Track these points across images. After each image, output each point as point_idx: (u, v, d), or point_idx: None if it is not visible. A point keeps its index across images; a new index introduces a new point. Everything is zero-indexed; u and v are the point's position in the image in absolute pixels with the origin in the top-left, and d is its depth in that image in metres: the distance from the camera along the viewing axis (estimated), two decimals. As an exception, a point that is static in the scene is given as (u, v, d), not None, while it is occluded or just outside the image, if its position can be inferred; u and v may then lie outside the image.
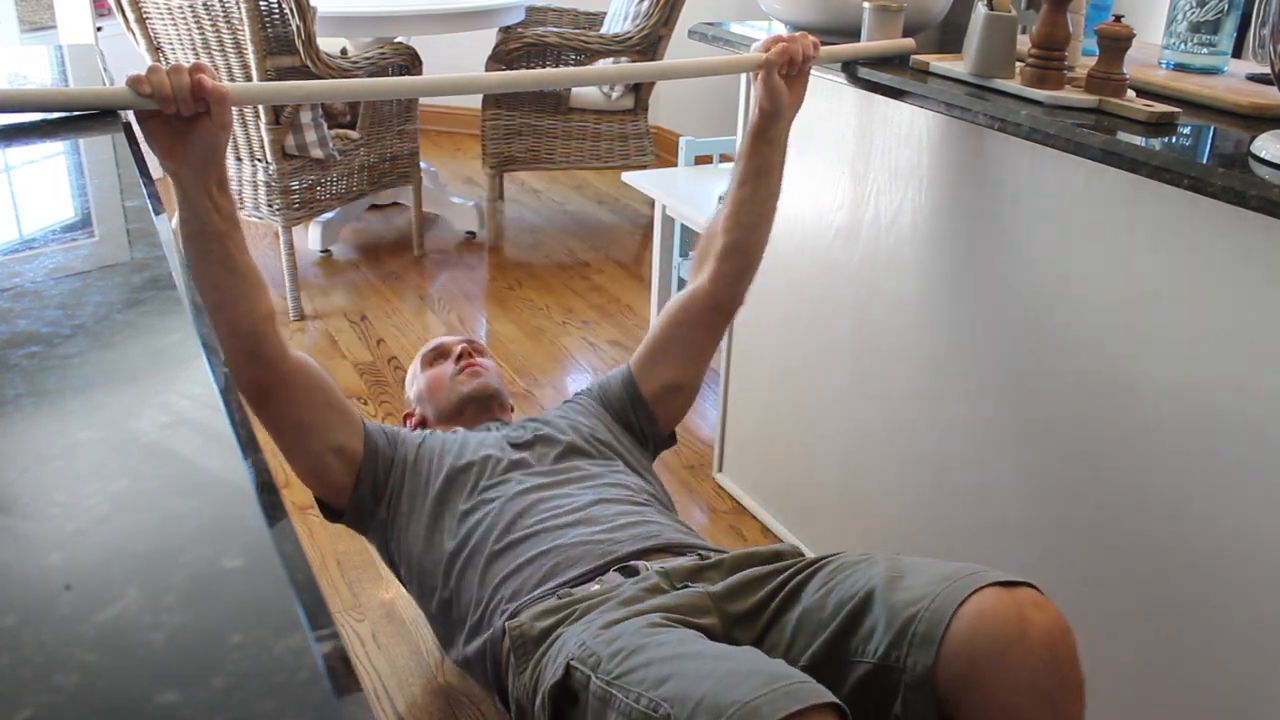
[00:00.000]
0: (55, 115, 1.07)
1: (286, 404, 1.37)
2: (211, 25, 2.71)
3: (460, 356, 1.76)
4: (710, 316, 1.63)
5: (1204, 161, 1.15)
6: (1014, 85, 1.41)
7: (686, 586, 1.22)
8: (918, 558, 1.16)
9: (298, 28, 2.70)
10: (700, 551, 1.32)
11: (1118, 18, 1.35)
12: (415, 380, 1.81)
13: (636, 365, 1.66)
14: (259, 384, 1.32)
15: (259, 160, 2.89)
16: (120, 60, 2.03)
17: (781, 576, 1.22)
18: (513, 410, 1.80)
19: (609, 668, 1.06)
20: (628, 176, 2.84)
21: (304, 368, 1.38)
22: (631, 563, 1.29)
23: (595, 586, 1.25)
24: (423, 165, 3.45)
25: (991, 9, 1.43)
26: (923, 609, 1.06)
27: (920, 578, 1.10)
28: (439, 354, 1.80)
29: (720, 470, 2.27)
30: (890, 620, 1.08)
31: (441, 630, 1.47)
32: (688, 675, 0.99)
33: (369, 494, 1.49)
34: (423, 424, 1.76)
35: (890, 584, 1.11)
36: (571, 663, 1.11)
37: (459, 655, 1.40)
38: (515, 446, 1.54)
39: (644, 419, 1.64)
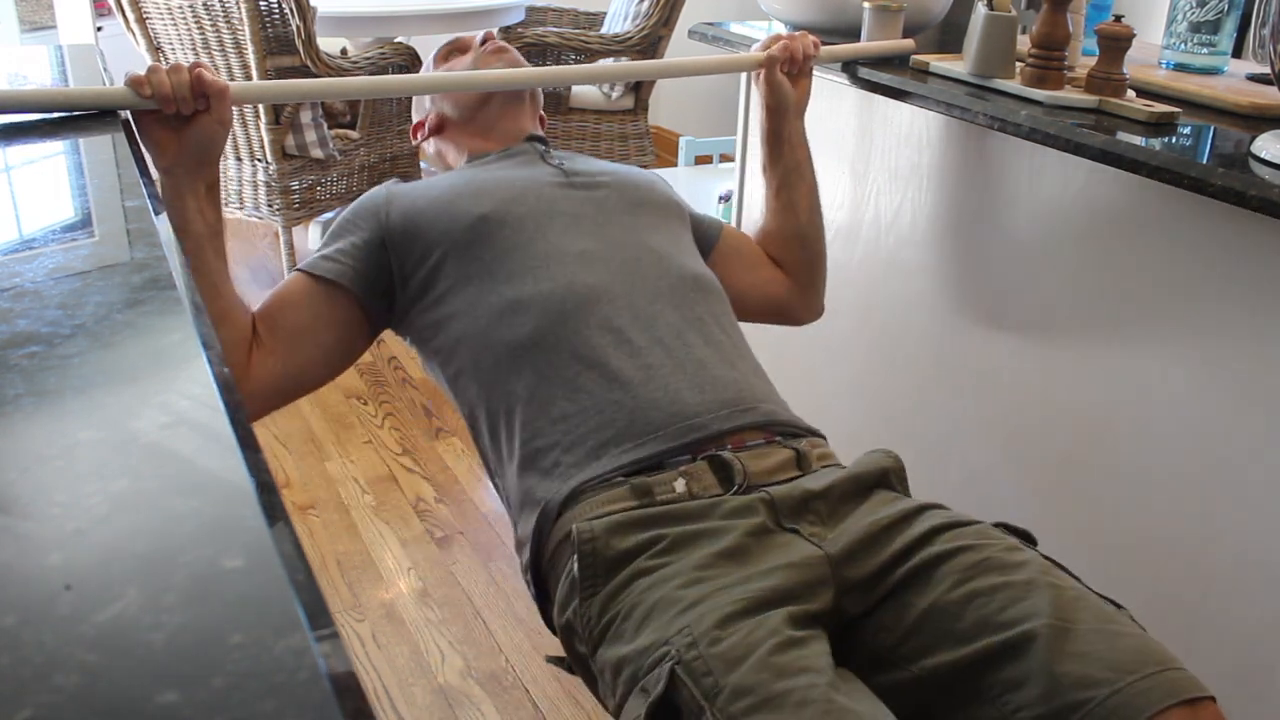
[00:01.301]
0: (55, 115, 1.07)
1: (268, 407, 1.23)
2: (211, 25, 2.71)
3: (484, 41, 1.45)
4: (789, 307, 1.51)
5: (1204, 161, 1.15)
6: (1014, 85, 1.41)
7: (796, 531, 1.05)
8: (1080, 591, 0.99)
9: (298, 28, 2.70)
10: (796, 446, 1.14)
11: (1118, 18, 1.35)
12: None
13: (724, 238, 1.46)
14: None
15: (259, 160, 2.89)
16: (120, 60, 2.03)
17: (906, 538, 1.04)
18: (545, 122, 1.49)
19: (731, 710, 0.86)
20: (628, 176, 2.84)
21: (268, 387, 1.21)
22: (722, 454, 1.09)
23: (680, 484, 1.06)
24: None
25: (991, 9, 1.43)
26: (1095, 702, 0.89)
27: (1093, 646, 0.93)
28: (456, 49, 1.47)
29: (720, 470, 2.27)
30: (1049, 690, 0.91)
31: (468, 421, 1.23)
32: None
33: (383, 305, 1.26)
34: (439, 128, 1.44)
35: (1056, 641, 0.93)
36: (677, 670, 0.90)
37: (491, 465, 1.21)
38: (567, 186, 1.27)
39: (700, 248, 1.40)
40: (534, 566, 1.12)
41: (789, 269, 1.53)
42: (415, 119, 1.49)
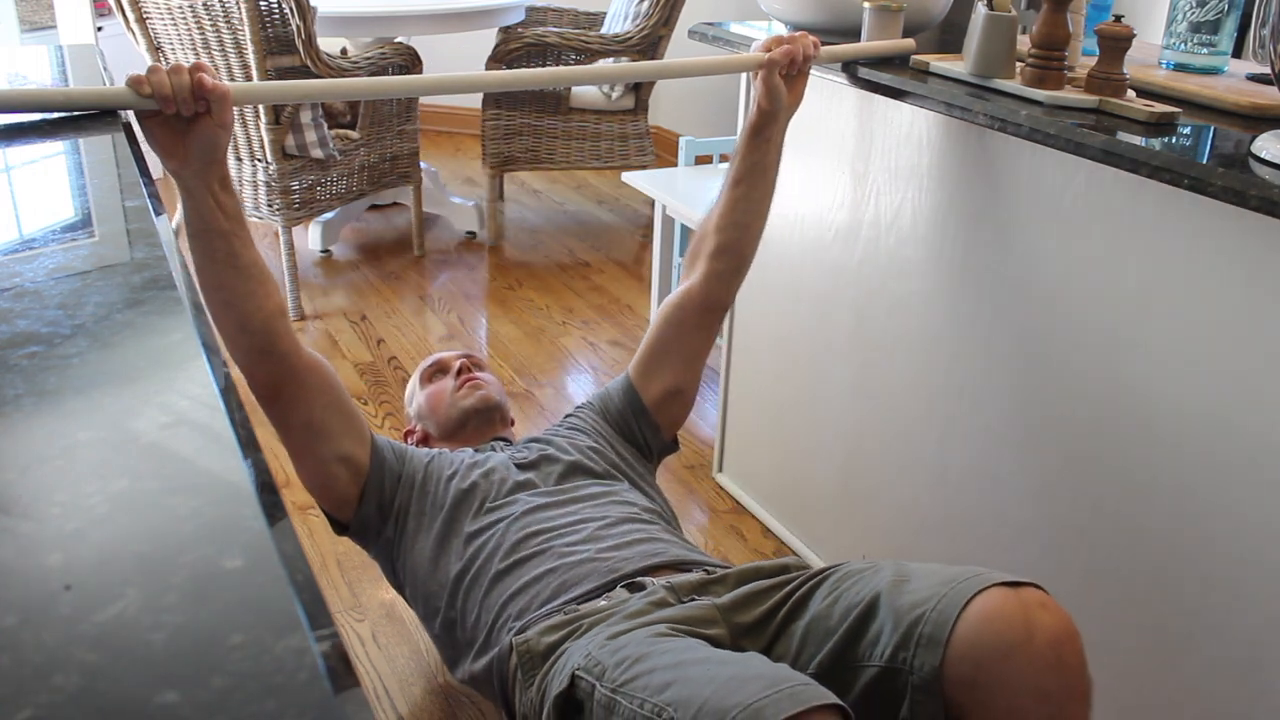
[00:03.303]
0: (55, 115, 1.07)
1: (297, 401, 1.35)
2: (211, 25, 2.71)
3: (460, 371, 1.75)
4: (703, 317, 1.63)
5: (1204, 161, 1.15)
6: (1014, 85, 1.41)
7: (693, 600, 1.22)
8: (923, 563, 1.16)
9: (298, 28, 2.70)
10: (706, 567, 1.32)
11: (1118, 18, 1.35)
12: (415, 397, 1.79)
13: (635, 373, 1.65)
14: (271, 381, 1.31)
15: (259, 160, 2.89)
16: (120, 60, 2.03)
17: (788, 587, 1.22)
18: (513, 424, 1.79)
19: (613, 676, 1.05)
20: (628, 176, 2.84)
21: (317, 366, 1.38)
22: (638, 579, 1.28)
23: (602, 602, 1.25)
24: (423, 165, 3.45)
25: (991, 9, 1.43)
26: (928, 610, 1.05)
27: (925, 581, 1.10)
28: (438, 369, 1.78)
29: (720, 470, 2.27)
30: (896, 623, 1.07)
31: (448, 652, 1.47)
32: (691, 680, 0.99)
33: (374, 509, 1.48)
34: (424, 440, 1.75)
35: (895, 587, 1.11)
36: (577, 672, 1.10)
37: (465, 674, 1.40)
38: (520, 467, 1.53)
39: (647, 429, 1.63)
40: (510, 715, 1.29)
41: (716, 255, 1.60)
42: (408, 426, 1.81)
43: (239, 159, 2.90)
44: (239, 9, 2.64)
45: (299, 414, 1.37)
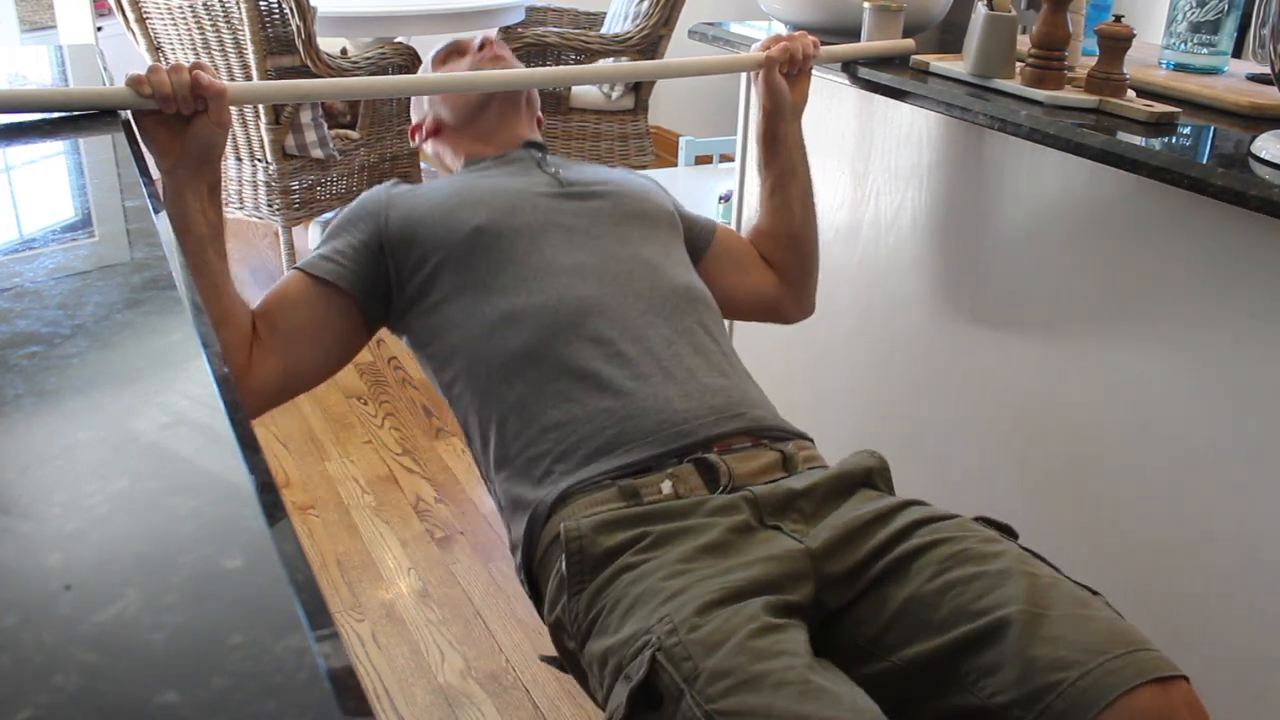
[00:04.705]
0: (55, 115, 1.07)
1: (268, 405, 1.25)
2: (211, 25, 2.71)
3: (482, 47, 1.45)
4: (780, 306, 1.52)
5: (1204, 161, 1.15)
6: (1014, 85, 1.41)
7: (778, 528, 1.07)
8: (1055, 579, 1.01)
9: (298, 28, 2.70)
10: (783, 448, 1.16)
11: (1118, 18, 1.35)
12: None
13: (717, 240, 1.46)
14: None
15: (259, 160, 2.89)
16: (120, 60, 2.02)
17: (885, 533, 1.05)
18: (542, 123, 1.52)
19: (710, 692, 0.88)
20: (628, 176, 2.84)
21: (269, 386, 1.22)
22: (708, 457, 1.11)
23: (667, 486, 1.08)
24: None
25: (991, 9, 1.43)
26: (1067, 683, 0.91)
27: (1067, 630, 0.94)
28: (454, 51, 1.47)
29: (720, 470, 2.27)
30: (1023, 674, 0.93)
31: (464, 430, 1.26)
32: None
33: (380, 307, 1.28)
34: (436, 131, 1.46)
35: (1030, 626, 0.94)
36: (658, 657, 0.92)
37: (484, 471, 1.23)
38: (562, 196, 1.28)
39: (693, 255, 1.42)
40: (527, 568, 1.14)
41: (780, 268, 1.53)
42: (414, 120, 1.50)
43: (239, 159, 2.91)
44: (239, 9, 2.64)
45: (280, 396, 1.25)
